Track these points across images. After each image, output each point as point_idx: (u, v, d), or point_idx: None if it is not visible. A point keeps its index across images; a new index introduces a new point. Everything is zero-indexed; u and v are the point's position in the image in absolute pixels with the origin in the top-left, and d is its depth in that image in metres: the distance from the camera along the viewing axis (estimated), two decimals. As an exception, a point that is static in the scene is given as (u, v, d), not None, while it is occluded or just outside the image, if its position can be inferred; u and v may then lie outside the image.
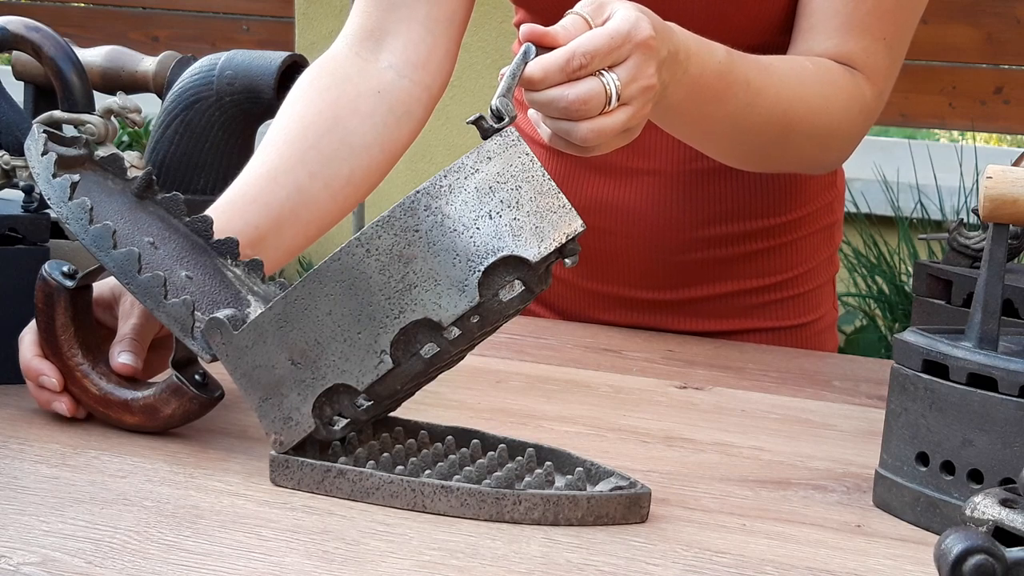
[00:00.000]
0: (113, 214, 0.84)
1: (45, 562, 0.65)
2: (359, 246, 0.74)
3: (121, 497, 0.74)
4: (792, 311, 1.23)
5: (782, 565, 0.70)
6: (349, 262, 0.74)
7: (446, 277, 0.73)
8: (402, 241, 0.73)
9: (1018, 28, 2.86)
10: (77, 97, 1.07)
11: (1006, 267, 0.76)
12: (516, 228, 0.72)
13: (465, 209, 0.73)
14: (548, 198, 0.73)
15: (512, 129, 0.74)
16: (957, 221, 1.04)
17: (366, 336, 0.74)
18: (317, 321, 0.75)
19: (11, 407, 0.88)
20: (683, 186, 1.17)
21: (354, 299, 0.74)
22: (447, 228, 0.73)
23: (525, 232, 0.72)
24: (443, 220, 0.73)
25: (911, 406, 0.77)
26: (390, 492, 0.74)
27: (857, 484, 0.83)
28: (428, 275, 0.73)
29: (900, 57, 1.10)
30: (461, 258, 0.73)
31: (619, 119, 0.81)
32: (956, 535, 0.54)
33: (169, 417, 0.83)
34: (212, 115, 1.13)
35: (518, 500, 0.72)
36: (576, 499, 0.73)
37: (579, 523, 0.73)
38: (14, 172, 1.00)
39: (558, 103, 0.79)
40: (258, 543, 0.69)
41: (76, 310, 0.85)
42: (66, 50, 1.07)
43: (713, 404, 1.00)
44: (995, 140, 3.93)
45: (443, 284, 0.73)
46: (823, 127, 1.04)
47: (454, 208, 0.73)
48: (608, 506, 0.73)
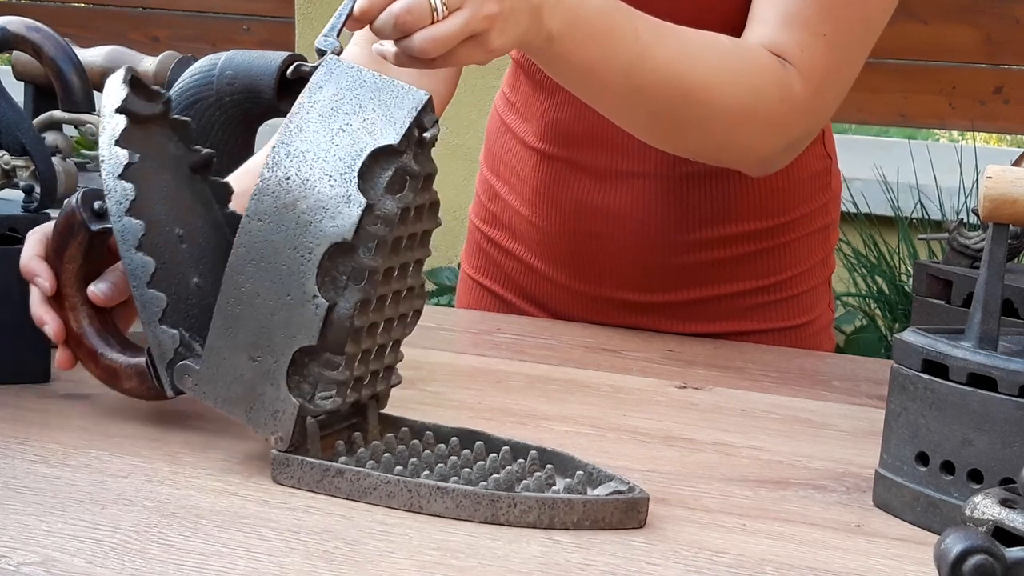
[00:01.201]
0: (158, 190, 0.85)
1: (45, 562, 0.65)
2: (250, 221, 0.77)
3: (121, 497, 0.74)
4: (786, 312, 1.23)
5: (782, 565, 0.70)
6: (250, 240, 0.77)
7: (330, 199, 0.75)
8: (280, 193, 0.76)
9: (1018, 28, 2.85)
10: (77, 97, 1.07)
11: (1006, 267, 0.76)
12: (369, 126, 0.76)
13: (318, 137, 0.76)
14: (386, 90, 0.77)
15: (331, 56, 0.78)
16: (957, 221, 1.04)
17: (295, 293, 0.76)
18: (252, 308, 0.77)
19: (11, 407, 0.89)
20: (673, 189, 1.17)
21: (269, 268, 0.76)
22: (311, 160, 0.76)
23: (378, 125, 0.76)
24: (304, 155, 0.76)
25: (911, 406, 0.77)
26: (387, 492, 0.74)
27: (857, 484, 0.83)
28: (314, 207, 0.75)
29: (849, 58, 1.07)
30: (335, 176, 0.75)
31: (454, 24, 0.83)
32: (956, 535, 0.54)
33: (126, 391, 0.87)
34: (212, 115, 1.13)
35: (513, 503, 0.72)
36: (572, 503, 0.72)
37: (575, 527, 0.72)
38: (14, 172, 1.00)
39: (388, 22, 0.82)
40: (258, 543, 0.69)
41: (91, 248, 0.87)
42: (66, 50, 1.07)
43: (713, 404, 1.00)
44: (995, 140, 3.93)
45: (331, 206, 0.75)
46: (730, 105, 1.02)
47: (309, 141, 0.76)
48: (605, 510, 0.73)
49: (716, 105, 1.02)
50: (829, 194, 1.25)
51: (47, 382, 0.94)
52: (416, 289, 0.82)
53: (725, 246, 1.19)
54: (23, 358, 0.93)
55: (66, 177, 1.05)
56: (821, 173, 1.23)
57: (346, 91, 0.77)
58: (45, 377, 0.94)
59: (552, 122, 1.20)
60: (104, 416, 0.88)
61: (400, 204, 0.76)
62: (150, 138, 0.86)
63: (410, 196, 0.77)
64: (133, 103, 0.85)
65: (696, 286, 1.20)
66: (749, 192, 1.18)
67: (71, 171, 1.06)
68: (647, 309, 1.22)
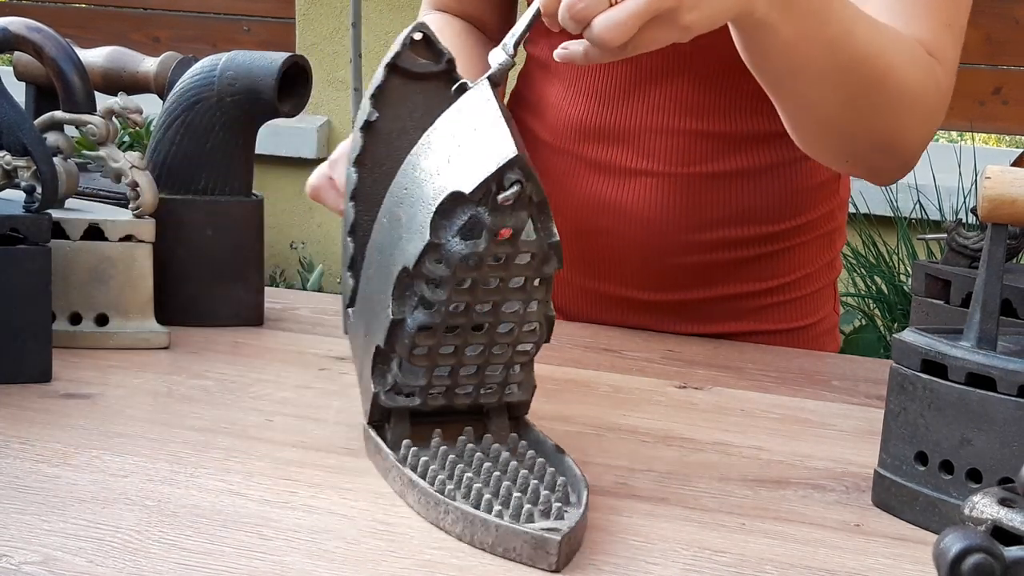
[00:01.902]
0: (409, 146, 0.85)
1: (46, 561, 0.65)
2: (382, 213, 0.79)
3: (122, 496, 0.74)
4: (791, 314, 1.23)
5: (781, 564, 0.70)
6: (376, 238, 0.80)
7: (416, 225, 0.75)
8: (397, 200, 0.78)
9: (1017, 28, 2.86)
10: (78, 97, 1.07)
11: (1005, 267, 0.76)
12: (463, 166, 0.74)
13: (434, 159, 0.76)
14: (489, 133, 0.74)
15: (485, 81, 0.76)
16: (956, 221, 1.04)
17: (383, 298, 0.78)
18: (368, 291, 0.81)
19: (12, 407, 0.89)
20: (684, 189, 1.17)
21: (382, 265, 0.79)
22: (422, 180, 0.76)
23: (468, 168, 0.74)
24: (420, 174, 0.76)
25: (910, 406, 0.77)
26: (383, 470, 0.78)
27: (856, 483, 0.84)
28: (407, 226, 0.76)
29: (960, 49, 1.03)
30: (426, 205, 0.75)
31: (632, 5, 0.77)
32: (955, 534, 0.54)
33: None
34: (213, 116, 1.13)
35: (447, 511, 0.71)
36: (488, 524, 0.69)
37: (491, 550, 0.69)
38: (15, 172, 1.00)
39: (565, 16, 0.78)
40: (259, 543, 0.69)
41: None
42: (67, 51, 1.08)
43: (712, 404, 1.01)
44: (994, 140, 3.93)
45: (414, 231, 0.75)
46: (909, 89, 0.96)
47: (428, 160, 0.76)
48: (514, 540, 0.69)
49: (901, 89, 0.97)
50: (837, 200, 1.25)
51: (47, 382, 0.94)
52: (525, 327, 0.79)
53: (732, 248, 1.19)
54: (23, 358, 0.93)
55: (67, 177, 1.05)
56: (830, 180, 1.23)
57: (468, 122, 0.75)
58: (45, 377, 0.94)
59: (564, 116, 1.20)
60: (105, 416, 0.88)
61: (468, 249, 0.74)
62: (421, 95, 0.87)
63: (483, 245, 0.74)
64: (406, 60, 0.87)
65: (701, 286, 1.21)
66: (759, 196, 1.18)
67: (72, 171, 1.06)
68: (652, 308, 1.22)
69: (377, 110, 0.87)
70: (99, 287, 1.05)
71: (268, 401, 0.94)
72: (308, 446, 0.85)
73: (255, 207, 1.16)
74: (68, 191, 1.06)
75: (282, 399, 0.95)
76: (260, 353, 1.07)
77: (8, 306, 0.91)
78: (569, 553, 0.68)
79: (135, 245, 1.05)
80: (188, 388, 0.96)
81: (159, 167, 1.14)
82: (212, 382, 0.98)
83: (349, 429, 0.88)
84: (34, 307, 0.93)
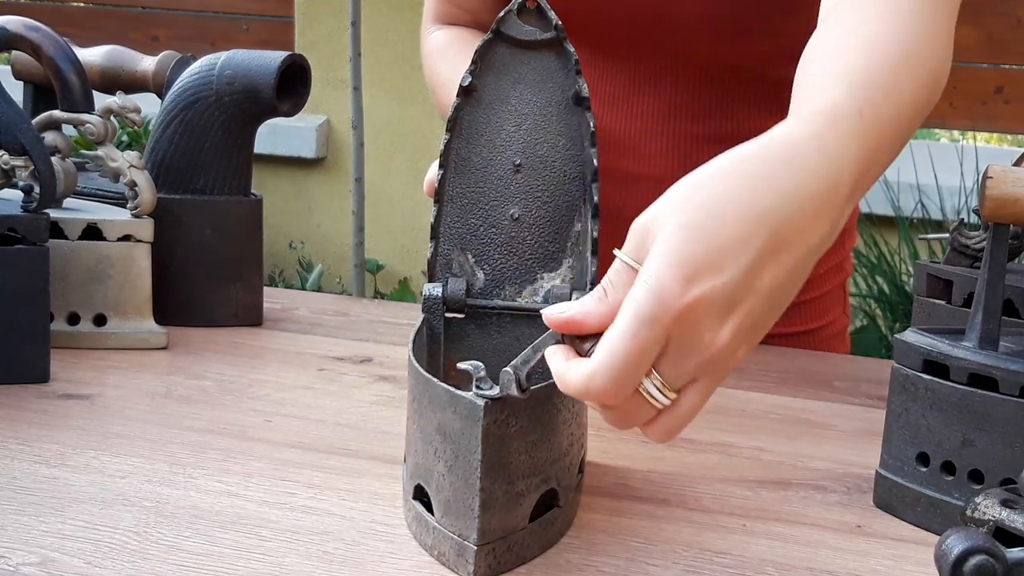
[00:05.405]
0: (510, 115, 0.84)
1: (44, 562, 0.65)
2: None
3: (121, 497, 0.74)
4: (799, 317, 1.23)
5: (782, 566, 0.70)
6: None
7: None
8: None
9: (1019, 28, 2.86)
10: (76, 97, 1.07)
11: (1007, 267, 0.76)
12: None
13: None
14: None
15: (480, 406, 0.64)
16: (958, 221, 1.04)
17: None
18: None
19: (9, 407, 0.88)
20: None
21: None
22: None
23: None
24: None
25: (912, 406, 0.77)
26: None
27: (858, 484, 0.83)
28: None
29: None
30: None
31: (687, 406, 0.62)
32: (957, 535, 0.54)
33: None
34: (212, 115, 1.13)
35: (409, 508, 0.71)
36: (426, 524, 0.69)
37: (428, 550, 0.68)
38: (13, 172, 0.99)
39: (610, 420, 0.64)
40: (258, 543, 0.68)
41: None
42: (65, 50, 1.07)
43: (713, 404, 1.00)
44: (996, 140, 3.93)
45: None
46: (918, 52, 0.83)
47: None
48: (444, 544, 0.67)
49: (921, 57, 0.84)
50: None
51: (47, 382, 0.94)
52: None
53: None
54: (21, 358, 0.93)
55: (65, 177, 1.05)
56: None
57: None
58: (43, 377, 0.94)
59: None
60: (104, 416, 0.88)
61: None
62: (528, 63, 0.86)
63: None
64: (512, 26, 0.85)
65: None
66: None
67: (70, 171, 1.06)
68: None
69: (477, 76, 0.84)
70: (97, 287, 1.04)
71: (267, 402, 0.94)
72: (307, 447, 0.84)
73: (254, 206, 1.16)
74: (66, 191, 1.06)
75: (281, 399, 0.94)
76: (259, 353, 1.07)
77: (6, 306, 0.91)
78: (495, 565, 0.66)
79: (133, 245, 1.05)
80: (187, 388, 0.96)
81: (157, 166, 1.14)
82: (211, 382, 0.97)
83: (349, 429, 0.88)
84: (32, 307, 0.92)
